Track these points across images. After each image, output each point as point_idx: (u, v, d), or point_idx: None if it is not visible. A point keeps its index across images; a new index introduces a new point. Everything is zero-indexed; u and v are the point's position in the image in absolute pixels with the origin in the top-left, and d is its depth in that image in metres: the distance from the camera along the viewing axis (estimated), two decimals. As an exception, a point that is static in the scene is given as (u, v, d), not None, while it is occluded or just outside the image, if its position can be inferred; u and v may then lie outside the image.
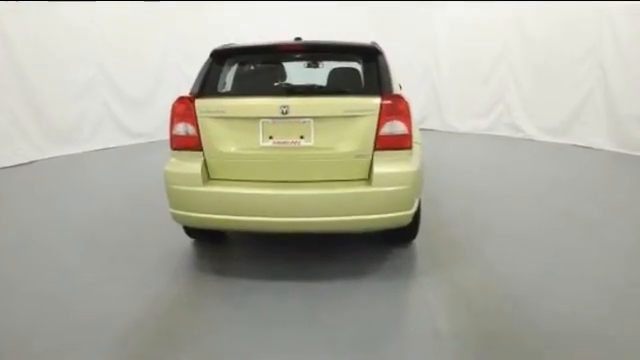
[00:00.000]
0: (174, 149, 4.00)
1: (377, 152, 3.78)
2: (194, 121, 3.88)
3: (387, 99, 3.78)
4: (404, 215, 3.81)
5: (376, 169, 3.73)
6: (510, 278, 3.95)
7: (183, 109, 3.91)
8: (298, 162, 3.84)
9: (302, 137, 3.79)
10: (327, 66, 4.62)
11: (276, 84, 4.62)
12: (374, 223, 3.77)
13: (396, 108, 3.78)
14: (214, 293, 3.82)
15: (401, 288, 3.89)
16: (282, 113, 3.73)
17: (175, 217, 3.97)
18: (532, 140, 10.41)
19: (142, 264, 4.32)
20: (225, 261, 4.43)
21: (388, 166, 3.76)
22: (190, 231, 4.58)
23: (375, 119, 3.75)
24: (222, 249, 4.68)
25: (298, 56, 4.76)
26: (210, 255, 4.53)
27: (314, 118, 3.77)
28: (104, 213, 5.74)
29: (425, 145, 4.44)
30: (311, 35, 4.64)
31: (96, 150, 9.74)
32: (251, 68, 4.81)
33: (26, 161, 8.51)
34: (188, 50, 10.30)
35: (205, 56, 4.26)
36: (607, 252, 4.47)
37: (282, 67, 4.81)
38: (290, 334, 3.20)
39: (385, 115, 3.75)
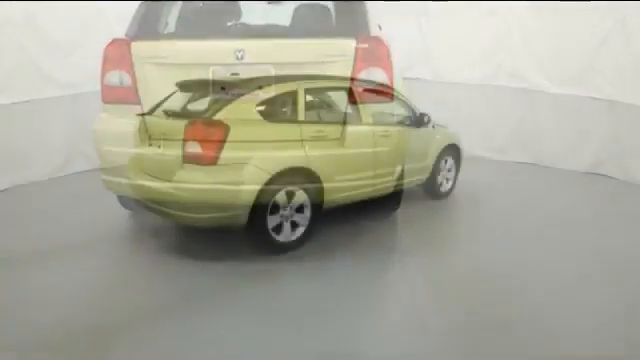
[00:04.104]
0: (106, 102, 3.94)
1: (352, 106, 3.76)
2: (130, 69, 3.81)
3: (363, 42, 3.76)
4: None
5: (350, 127, 3.72)
6: (507, 257, 3.99)
7: (117, 54, 3.84)
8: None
9: (261, 87, 3.75)
10: (291, 3, 4.56)
11: (230, 24, 4.54)
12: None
13: (374, 53, 3.76)
14: (155, 275, 3.80)
15: (381, 271, 3.91)
16: (237, 59, 3.68)
17: (107, 185, 3.92)
18: (541, 92, 10.45)
19: (70, 242, 4.25)
20: (168, 237, 4.41)
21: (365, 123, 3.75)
22: (125, 201, 4.51)
23: (349, 66, 3.72)
24: (164, 223, 4.62)
25: (257, -10, 4.70)
26: (151, 230, 4.51)
27: (275, 65, 3.72)
28: (24, 182, 5.65)
29: (410, 98, 4.43)
30: (272, -36, 4.57)
31: (13, 103, 9.48)
32: (199, 5, 4.72)
33: None
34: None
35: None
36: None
37: (237, 3, 4.73)
38: (244, 323, 3.17)
39: (361, 61, 3.73)
